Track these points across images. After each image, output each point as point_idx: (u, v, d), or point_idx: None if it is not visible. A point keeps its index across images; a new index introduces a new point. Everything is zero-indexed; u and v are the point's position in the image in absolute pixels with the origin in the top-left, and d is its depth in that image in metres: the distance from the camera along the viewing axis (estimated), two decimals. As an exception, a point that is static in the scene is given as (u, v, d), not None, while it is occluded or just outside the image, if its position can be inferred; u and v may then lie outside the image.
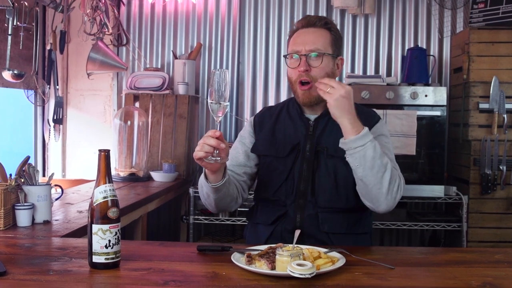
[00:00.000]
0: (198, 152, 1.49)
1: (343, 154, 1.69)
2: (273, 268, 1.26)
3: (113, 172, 3.08)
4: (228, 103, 1.50)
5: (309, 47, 1.72)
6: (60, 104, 3.46)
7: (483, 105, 3.08)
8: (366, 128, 1.60)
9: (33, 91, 3.25)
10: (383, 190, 1.60)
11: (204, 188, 1.67)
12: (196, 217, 3.26)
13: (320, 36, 1.74)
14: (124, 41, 3.69)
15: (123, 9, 3.75)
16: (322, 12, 3.63)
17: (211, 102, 1.49)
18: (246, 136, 1.88)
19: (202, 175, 1.66)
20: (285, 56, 1.80)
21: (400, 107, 3.13)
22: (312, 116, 1.80)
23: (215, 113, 1.50)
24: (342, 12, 3.63)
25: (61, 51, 3.36)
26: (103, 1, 3.34)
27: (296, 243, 1.38)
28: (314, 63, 1.72)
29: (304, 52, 1.72)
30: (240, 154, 1.83)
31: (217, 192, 1.65)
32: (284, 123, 1.83)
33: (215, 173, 1.59)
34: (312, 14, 3.59)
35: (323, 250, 1.39)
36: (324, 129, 1.77)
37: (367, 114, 1.81)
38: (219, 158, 1.50)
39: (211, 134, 1.48)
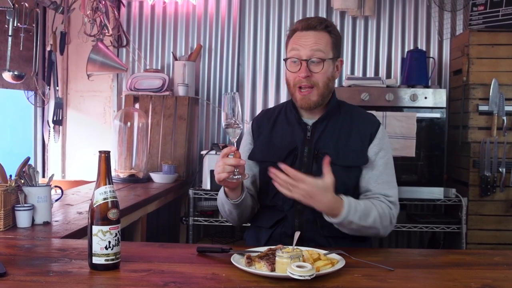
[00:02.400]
0: (221, 174, 1.51)
1: (344, 163, 1.69)
2: (273, 269, 1.26)
3: (112, 173, 3.08)
4: (241, 126, 1.55)
5: (310, 52, 1.68)
6: (60, 105, 3.46)
7: (483, 107, 3.08)
8: (345, 211, 1.56)
9: (33, 92, 3.25)
10: (378, 232, 1.70)
11: (225, 206, 1.71)
12: (196, 218, 3.26)
13: (320, 40, 1.70)
14: (124, 43, 3.69)
15: (123, 10, 3.75)
16: (322, 14, 3.63)
17: (226, 126, 1.53)
18: (247, 147, 1.88)
19: (221, 194, 1.69)
20: (285, 60, 1.76)
21: (399, 109, 3.13)
22: (310, 120, 1.79)
23: (231, 135, 1.55)
24: (342, 14, 3.64)
25: (61, 52, 3.36)
26: (103, 3, 3.34)
27: (295, 246, 1.38)
28: (315, 69, 1.69)
29: (305, 57, 1.68)
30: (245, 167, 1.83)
31: (239, 207, 1.69)
32: (282, 128, 1.81)
33: (234, 190, 1.63)
34: (312, 16, 3.59)
35: (322, 252, 1.39)
36: (323, 134, 1.75)
37: (366, 121, 1.80)
38: (239, 176, 1.53)
39: (227, 151, 1.51)
